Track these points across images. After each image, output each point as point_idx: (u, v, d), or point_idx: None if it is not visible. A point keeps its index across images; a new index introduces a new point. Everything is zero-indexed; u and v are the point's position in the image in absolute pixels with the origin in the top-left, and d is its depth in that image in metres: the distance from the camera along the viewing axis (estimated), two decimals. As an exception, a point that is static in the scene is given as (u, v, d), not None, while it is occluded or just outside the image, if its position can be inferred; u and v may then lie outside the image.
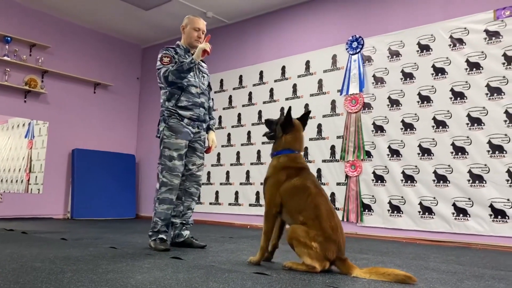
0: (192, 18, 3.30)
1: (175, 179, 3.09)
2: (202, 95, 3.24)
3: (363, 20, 5.07)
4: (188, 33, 3.26)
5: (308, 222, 2.24)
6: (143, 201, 7.21)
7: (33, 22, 6.23)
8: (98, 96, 6.97)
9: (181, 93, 3.14)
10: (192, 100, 3.16)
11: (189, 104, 3.15)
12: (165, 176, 3.08)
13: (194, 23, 3.26)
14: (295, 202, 2.34)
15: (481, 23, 4.20)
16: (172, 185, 3.08)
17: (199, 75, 3.25)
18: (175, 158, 3.09)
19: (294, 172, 2.41)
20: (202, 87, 3.25)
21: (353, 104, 4.94)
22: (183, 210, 3.22)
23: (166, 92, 3.18)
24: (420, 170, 4.41)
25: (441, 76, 4.39)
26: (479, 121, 4.12)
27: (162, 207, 3.07)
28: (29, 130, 6.36)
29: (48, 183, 6.29)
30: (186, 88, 3.15)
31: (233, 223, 5.82)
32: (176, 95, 3.14)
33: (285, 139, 2.51)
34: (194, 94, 3.18)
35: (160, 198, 3.08)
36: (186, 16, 3.35)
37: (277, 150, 2.54)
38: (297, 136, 2.53)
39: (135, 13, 6.23)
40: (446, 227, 4.19)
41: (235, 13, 6.16)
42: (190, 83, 3.17)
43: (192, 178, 3.25)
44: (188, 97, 3.15)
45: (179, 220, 3.21)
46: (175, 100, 3.13)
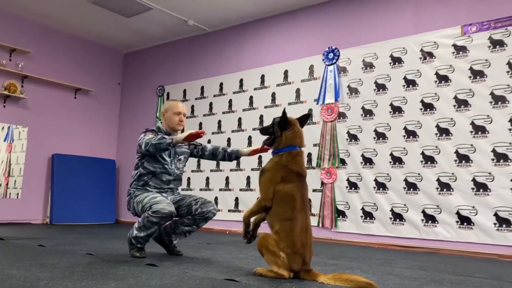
0: (171, 103, 3.33)
1: (168, 206, 2.95)
2: (173, 181, 3.27)
3: (339, 32, 5.23)
4: (169, 118, 3.27)
5: (281, 233, 2.34)
6: (123, 206, 7.24)
7: (13, 27, 6.23)
8: (79, 101, 6.99)
9: (151, 177, 3.18)
10: (160, 185, 3.20)
11: (156, 188, 3.19)
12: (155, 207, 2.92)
13: (174, 108, 3.26)
14: (279, 208, 2.40)
15: (449, 38, 4.40)
16: (165, 212, 2.91)
17: (174, 160, 3.26)
18: (157, 196, 3.04)
19: (291, 177, 2.42)
20: (175, 173, 3.26)
21: (329, 113, 5.09)
22: (192, 225, 3.19)
23: (138, 173, 3.20)
24: (391, 178, 4.58)
25: (412, 87, 4.57)
26: (447, 131, 4.31)
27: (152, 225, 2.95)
28: (8, 133, 6.35)
29: (28, 188, 6.28)
30: (158, 175, 3.18)
31: (212, 229, 5.90)
32: (146, 178, 3.18)
33: (285, 136, 2.50)
34: (164, 181, 3.21)
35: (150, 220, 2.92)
36: (165, 102, 3.40)
37: (279, 148, 2.52)
38: (297, 131, 2.53)
39: (116, 19, 6.29)
40: (415, 233, 4.36)
41: (216, 22, 6.27)
42: (164, 170, 3.19)
43: (208, 204, 3.17)
44: (157, 182, 3.19)
45: (182, 228, 3.19)
46: (143, 182, 3.18)
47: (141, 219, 3.01)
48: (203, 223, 3.21)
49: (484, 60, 4.18)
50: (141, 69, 7.46)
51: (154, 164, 3.18)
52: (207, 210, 3.14)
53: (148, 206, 2.98)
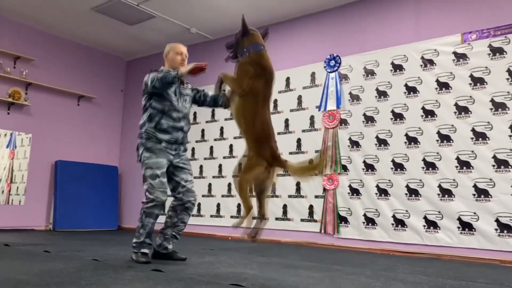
0: (173, 44, 3.44)
1: (162, 195, 3.13)
2: (183, 119, 3.32)
3: (341, 40, 5.29)
4: (171, 59, 3.38)
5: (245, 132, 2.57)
6: (125, 212, 7.27)
7: (18, 35, 6.30)
8: (82, 108, 7.04)
9: (162, 116, 3.22)
10: (172, 124, 3.24)
11: (168, 127, 3.23)
12: (152, 193, 3.11)
13: (176, 48, 3.40)
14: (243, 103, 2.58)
15: (449, 46, 4.45)
16: (159, 201, 3.11)
17: (181, 99, 3.33)
18: (159, 175, 3.15)
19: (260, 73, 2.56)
20: (183, 111, 3.33)
21: (330, 120, 5.13)
22: (176, 222, 3.30)
23: (148, 113, 3.26)
24: (393, 184, 4.61)
25: (413, 94, 4.62)
26: (448, 138, 4.35)
27: (148, 220, 3.12)
28: (11, 140, 6.39)
29: (31, 195, 6.31)
30: (167, 112, 3.23)
31: (215, 235, 5.93)
32: (157, 118, 3.22)
33: (247, 39, 2.63)
34: (174, 119, 3.26)
35: (146, 212, 3.12)
36: (167, 44, 3.47)
37: (244, 47, 2.64)
38: (256, 35, 2.67)
39: (119, 27, 6.36)
40: (417, 239, 4.39)
41: (218, 30, 6.33)
42: (172, 107, 3.25)
43: (188, 194, 3.29)
44: (168, 120, 3.23)
45: (170, 231, 3.29)
46: (155, 122, 3.22)
47: (138, 220, 3.17)
48: (186, 216, 3.33)
49: (484, 67, 4.23)
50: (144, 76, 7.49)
51: (163, 102, 3.24)
52: (188, 199, 3.30)
53: (146, 187, 3.13)
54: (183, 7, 5.63)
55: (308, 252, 4.35)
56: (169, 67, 3.38)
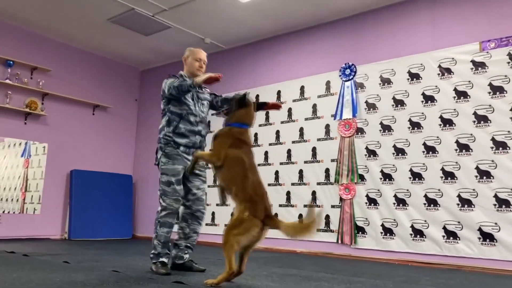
0: (193, 49, 3.48)
1: (175, 203, 3.20)
2: (200, 123, 3.35)
3: (356, 48, 5.28)
4: (190, 64, 3.43)
5: (238, 193, 2.62)
6: (140, 221, 7.28)
7: (34, 46, 6.38)
8: (97, 117, 7.09)
9: (179, 120, 3.27)
10: (190, 128, 3.29)
11: (186, 131, 3.27)
12: (165, 200, 3.20)
13: (195, 54, 3.44)
14: (231, 171, 2.70)
15: (467, 54, 4.42)
16: (172, 209, 3.19)
17: (198, 103, 3.37)
18: (173, 183, 3.21)
19: (239, 144, 2.74)
20: (201, 115, 3.36)
21: (346, 129, 5.11)
22: (189, 232, 3.32)
23: (166, 118, 3.31)
24: (411, 193, 4.56)
25: (431, 103, 4.58)
26: (467, 147, 4.30)
27: (163, 230, 3.18)
28: (25, 149, 6.45)
29: (46, 204, 6.35)
30: (185, 116, 3.28)
31: (229, 244, 5.90)
32: (175, 122, 3.27)
33: (239, 113, 2.83)
34: (192, 123, 3.30)
35: (160, 222, 3.19)
36: (187, 48, 3.52)
37: (230, 122, 2.85)
38: (249, 112, 2.87)
39: (134, 38, 6.41)
40: (437, 249, 4.33)
41: (232, 39, 6.36)
42: (190, 112, 3.29)
43: (198, 202, 3.34)
44: (186, 124, 3.28)
45: (184, 242, 3.31)
46: (173, 126, 3.26)
47: (153, 231, 3.23)
48: (197, 226, 3.37)
49: (503, 76, 4.18)
50: (158, 86, 7.48)
51: (180, 107, 3.30)
52: (197, 208, 3.35)
53: (161, 193, 3.22)
54: (198, 17, 5.67)
55: (325, 263, 4.30)
56: (187, 71, 3.44)
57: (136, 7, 5.41)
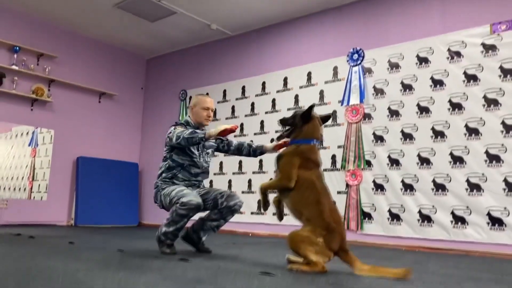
0: (200, 98, 3.36)
1: (196, 198, 2.99)
2: (201, 174, 3.31)
3: (364, 33, 5.21)
4: (197, 113, 3.30)
5: (312, 219, 2.38)
6: (146, 209, 7.29)
7: (41, 33, 6.37)
8: (103, 105, 7.09)
9: (180, 170, 3.21)
10: (189, 178, 3.24)
11: (184, 181, 3.22)
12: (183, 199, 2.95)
13: (203, 103, 3.30)
14: (302, 194, 2.45)
15: (478, 37, 4.34)
16: (193, 205, 2.94)
17: (202, 153, 3.30)
18: (183, 189, 3.07)
19: (308, 165, 2.49)
20: (203, 166, 3.30)
21: (353, 115, 5.05)
22: (219, 218, 3.19)
23: (167, 165, 3.23)
24: (419, 179, 4.51)
25: (440, 87, 4.52)
26: (476, 131, 4.23)
27: (181, 218, 2.97)
28: (32, 138, 6.46)
29: (53, 190, 6.37)
30: (186, 167, 3.22)
31: (235, 231, 5.89)
32: (175, 171, 3.21)
33: (306, 129, 2.57)
34: (192, 174, 3.24)
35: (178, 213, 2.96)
36: (194, 96, 3.44)
37: (297, 139, 2.60)
38: (316, 125, 2.61)
39: (140, 24, 6.37)
40: (445, 235, 4.27)
41: (238, 25, 6.30)
42: (192, 163, 3.23)
43: (232, 197, 3.18)
44: (185, 175, 3.22)
45: (210, 224, 3.20)
46: (172, 174, 3.21)
47: (169, 214, 3.04)
48: (230, 216, 3.23)
49: (514, 58, 4.11)
50: (164, 74, 7.54)
51: (183, 157, 3.21)
52: (234, 203, 3.17)
53: (176, 199, 3.00)
54: (204, 2, 5.62)
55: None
56: (194, 120, 3.33)
57: (142, -9, 5.38)
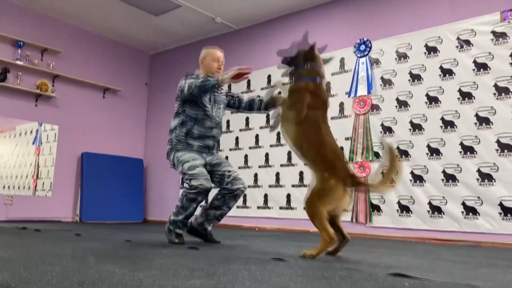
0: (210, 50, 3.30)
1: (207, 182, 2.95)
2: (215, 128, 3.23)
3: (371, 23, 5.15)
4: (207, 65, 3.24)
5: (317, 160, 2.45)
6: (151, 205, 7.25)
7: (45, 28, 6.34)
8: (107, 100, 7.05)
9: (194, 124, 3.14)
10: (204, 132, 3.16)
11: (199, 135, 3.15)
12: (195, 181, 2.92)
13: (213, 54, 3.26)
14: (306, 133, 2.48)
15: (488, 25, 4.27)
16: (203, 188, 2.92)
17: (215, 107, 3.23)
18: (198, 166, 3.00)
19: (316, 103, 2.49)
20: (216, 120, 3.23)
21: (361, 106, 4.99)
22: (222, 206, 3.16)
23: (179, 120, 3.17)
24: (429, 170, 4.44)
25: (449, 77, 4.45)
26: (487, 120, 4.16)
27: (189, 203, 2.97)
28: (36, 136, 6.42)
29: (57, 186, 6.33)
30: (200, 120, 3.15)
31: (241, 225, 5.84)
32: (189, 125, 3.13)
33: (310, 67, 2.55)
34: (206, 127, 3.17)
35: (188, 197, 2.95)
36: (203, 49, 3.35)
37: (303, 77, 2.55)
38: (320, 63, 2.59)
39: (144, 18, 6.33)
40: (456, 226, 4.21)
41: (243, 19, 6.25)
42: (206, 116, 3.15)
43: (236, 181, 3.16)
44: (200, 128, 3.15)
45: (213, 212, 3.17)
46: (187, 129, 3.13)
47: (178, 201, 3.02)
48: (233, 202, 3.18)
49: (525, 46, 4.04)
50: (168, 69, 7.49)
51: (196, 110, 3.15)
52: (237, 187, 3.15)
53: (187, 177, 2.96)
54: (209, -6, 5.58)
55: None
56: (204, 72, 3.24)
57: (146, -16, 5.33)
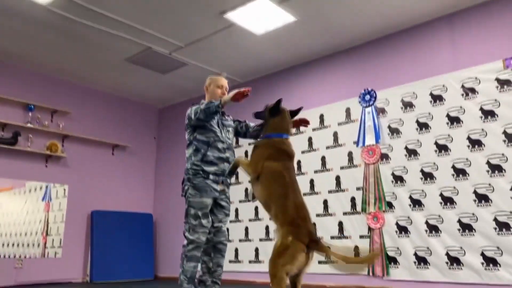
0: (214, 77, 3.52)
1: (202, 236, 3.12)
2: (228, 150, 3.32)
3: (375, 74, 5.22)
4: (212, 92, 3.41)
5: (278, 214, 2.38)
6: (161, 261, 7.12)
7: (54, 90, 6.48)
8: (116, 157, 7.10)
9: (207, 148, 3.22)
10: (218, 155, 3.25)
11: (215, 159, 3.23)
12: (192, 234, 3.11)
13: (217, 81, 3.46)
14: (269, 187, 2.45)
15: (491, 72, 4.30)
16: (199, 243, 3.11)
17: (223, 130, 3.35)
18: (200, 216, 3.13)
19: (278, 156, 2.49)
20: (227, 142, 3.34)
21: (370, 155, 4.97)
22: (212, 267, 3.24)
23: (193, 147, 3.26)
24: (444, 219, 4.36)
25: (457, 124, 4.45)
26: (499, 168, 4.11)
27: (190, 264, 3.09)
28: (46, 193, 6.43)
29: (67, 246, 6.27)
30: (213, 144, 3.24)
31: (254, 281, 5.70)
32: (203, 150, 3.22)
33: (273, 122, 2.60)
34: (220, 150, 3.26)
35: (188, 256, 3.10)
36: (208, 77, 3.54)
37: (267, 133, 2.62)
38: (285, 119, 2.64)
39: (151, 77, 6.47)
40: (476, 278, 4.07)
41: (248, 72, 6.37)
42: (217, 138, 3.26)
43: (219, 234, 3.29)
44: (214, 152, 3.24)
45: (209, 278, 3.24)
46: (202, 155, 3.21)
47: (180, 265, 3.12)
48: (220, 258, 3.28)
49: (531, 92, 4.05)
50: (176, 123, 7.57)
51: (207, 134, 3.24)
52: (219, 240, 3.27)
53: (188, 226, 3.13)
54: (214, 52, 5.70)
55: (358, 297, 4.08)
56: (209, 99, 3.39)
57: (152, 45, 5.48)
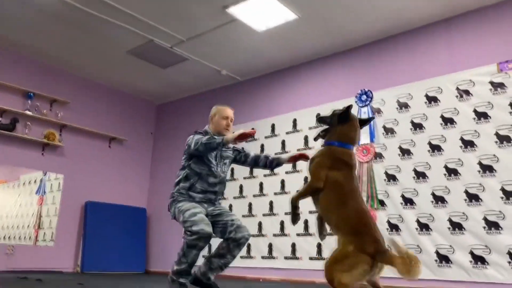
0: (220, 108, 3.39)
1: (207, 227, 2.91)
2: (219, 184, 3.26)
3: (371, 75, 5.31)
4: (216, 122, 3.32)
5: (339, 224, 2.23)
6: (153, 256, 7.13)
7: (55, 79, 6.54)
8: (113, 150, 7.13)
9: (197, 179, 3.17)
10: (206, 188, 3.19)
11: (202, 191, 3.18)
12: (195, 226, 2.89)
13: (222, 112, 3.34)
14: (329, 197, 2.30)
15: (485, 75, 4.40)
16: (204, 233, 2.87)
17: (220, 163, 3.28)
18: (198, 212, 2.99)
19: (338, 165, 2.31)
20: (221, 176, 3.26)
21: (364, 154, 5.05)
22: (225, 254, 3.12)
23: (184, 174, 3.20)
24: (434, 218, 4.42)
25: (450, 125, 4.53)
26: (490, 168, 4.19)
27: (191, 250, 2.92)
28: (40, 186, 6.44)
29: (60, 236, 6.28)
30: (204, 177, 3.18)
31: (245, 277, 5.72)
32: (192, 180, 3.16)
33: (340, 129, 2.41)
34: (210, 184, 3.20)
35: (189, 244, 2.90)
36: (214, 107, 3.45)
37: (330, 140, 2.43)
38: (354, 127, 2.43)
39: (151, 71, 6.54)
40: (464, 275, 4.13)
41: (248, 71, 6.45)
42: (210, 173, 3.19)
43: (241, 229, 3.14)
44: (203, 185, 3.18)
45: (217, 261, 3.13)
46: (190, 184, 3.16)
47: (180, 249, 2.98)
48: (237, 251, 3.14)
49: (524, 95, 4.15)
50: (174, 119, 7.64)
51: (201, 166, 3.17)
52: (242, 235, 3.11)
53: (188, 224, 2.93)
54: (215, 48, 5.78)
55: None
56: (213, 129, 3.34)
57: (155, 38, 5.55)
